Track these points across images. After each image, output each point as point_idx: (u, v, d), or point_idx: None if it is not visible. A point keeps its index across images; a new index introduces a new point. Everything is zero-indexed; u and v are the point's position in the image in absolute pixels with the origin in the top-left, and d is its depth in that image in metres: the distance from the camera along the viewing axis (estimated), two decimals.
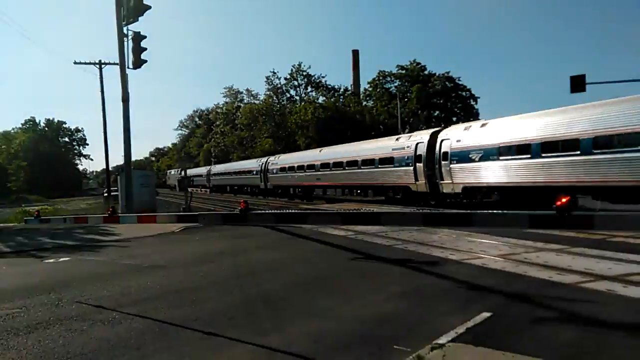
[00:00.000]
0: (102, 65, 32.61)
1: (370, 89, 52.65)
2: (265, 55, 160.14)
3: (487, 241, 10.57)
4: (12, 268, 10.43)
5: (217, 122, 78.19)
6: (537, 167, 15.83)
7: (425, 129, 42.81)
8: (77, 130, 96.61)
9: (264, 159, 42.45)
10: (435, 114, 46.50)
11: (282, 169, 36.73)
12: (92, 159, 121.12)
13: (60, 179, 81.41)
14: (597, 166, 14.18)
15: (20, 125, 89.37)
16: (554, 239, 9.98)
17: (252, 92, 79.93)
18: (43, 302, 6.68)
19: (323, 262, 9.75)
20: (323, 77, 59.31)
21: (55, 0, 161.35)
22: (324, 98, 53.58)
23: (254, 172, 42.34)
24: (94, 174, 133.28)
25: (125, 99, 18.57)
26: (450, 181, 19.52)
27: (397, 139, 24.73)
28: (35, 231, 18.16)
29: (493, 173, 17.48)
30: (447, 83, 46.48)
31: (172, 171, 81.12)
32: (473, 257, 8.99)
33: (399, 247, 10.64)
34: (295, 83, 59.57)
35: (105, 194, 39.04)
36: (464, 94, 47.24)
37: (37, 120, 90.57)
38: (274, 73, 60.05)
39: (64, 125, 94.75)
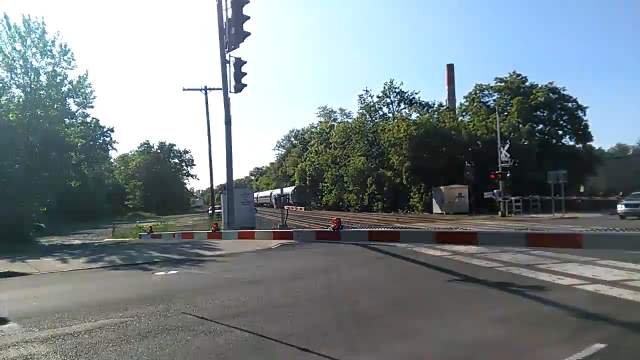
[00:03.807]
0: (207, 91, 35.04)
1: (466, 103, 50.90)
2: (358, 74, 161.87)
3: (601, 265, 9.63)
4: (126, 279, 11.36)
5: (312, 142, 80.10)
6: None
7: (527, 143, 40.40)
8: (185, 151, 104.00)
9: (257, 193, 77.05)
10: (539, 128, 43.68)
11: (258, 197, 72.99)
12: (198, 179, 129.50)
13: (170, 197, 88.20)
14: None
15: (137, 148, 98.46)
16: None
17: (345, 111, 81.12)
18: (153, 312, 7.18)
19: (417, 283, 9.51)
20: (416, 93, 58.41)
21: (163, 32, 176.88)
22: (418, 114, 52.77)
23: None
24: (200, 192, 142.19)
25: (228, 122, 19.68)
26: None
27: (277, 188, 64.89)
28: (147, 245, 19.75)
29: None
30: (550, 94, 43.54)
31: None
32: (584, 282, 8.24)
33: (500, 269, 10.07)
34: (388, 100, 59.39)
35: (210, 212, 41.53)
36: (570, 105, 43.88)
37: (151, 144, 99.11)
38: (367, 91, 60.38)
39: (174, 148, 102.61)
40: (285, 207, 29.84)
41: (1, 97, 25.38)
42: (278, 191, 63.65)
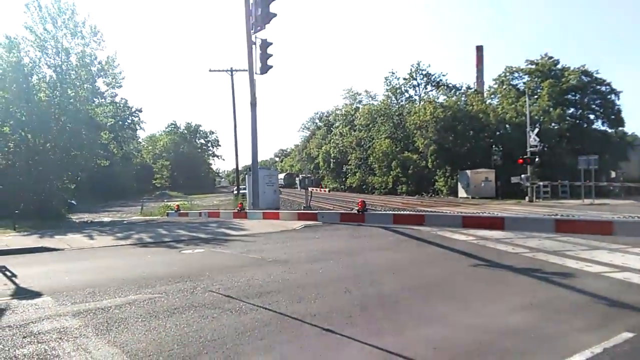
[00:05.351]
0: (233, 72, 35.13)
1: (495, 86, 49.69)
2: (385, 56, 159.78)
3: (632, 253, 9.41)
4: (155, 257, 11.63)
5: (336, 124, 79.70)
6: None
7: (557, 127, 39.41)
8: (211, 132, 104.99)
9: (279, 175, 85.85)
10: (570, 111, 42.38)
11: (280, 178, 77.48)
12: (223, 159, 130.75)
13: (196, 177, 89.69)
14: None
15: (164, 129, 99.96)
16: None
17: (371, 93, 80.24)
18: (180, 289, 7.36)
19: (442, 267, 9.46)
20: (444, 75, 57.26)
21: (190, 13, 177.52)
22: (445, 97, 51.81)
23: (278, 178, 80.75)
24: (225, 172, 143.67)
25: (253, 103, 19.67)
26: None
27: (284, 172, 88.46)
28: (174, 223, 20.16)
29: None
30: (583, 77, 42.07)
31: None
32: (613, 270, 8.07)
33: (527, 255, 9.93)
34: (414, 83, 58.47)
35: (235, 192, 42.01)
36: (603, 88, 42.36)
37: (178, 124, 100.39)
38: (393, 73, 59.55)
39: (200, 128, 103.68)
40: (309, 189, 29.89)
41: (32, 77, 25.99)
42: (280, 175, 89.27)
